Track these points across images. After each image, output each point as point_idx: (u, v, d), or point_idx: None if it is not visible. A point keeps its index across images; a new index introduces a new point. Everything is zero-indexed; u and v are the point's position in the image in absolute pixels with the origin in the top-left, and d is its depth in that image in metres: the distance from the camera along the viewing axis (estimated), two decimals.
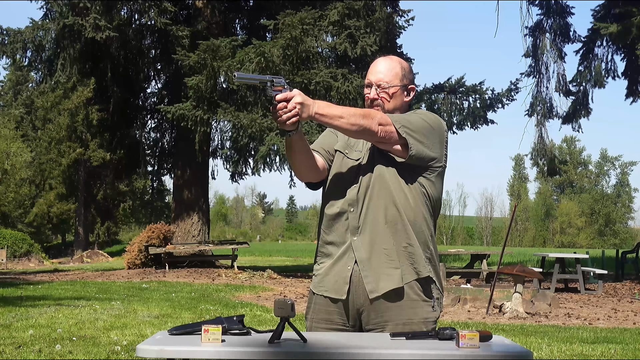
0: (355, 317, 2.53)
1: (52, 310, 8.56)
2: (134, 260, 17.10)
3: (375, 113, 2.48)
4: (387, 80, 2.59)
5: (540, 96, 19.63)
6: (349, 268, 2.51)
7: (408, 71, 2.64)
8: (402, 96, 2.62)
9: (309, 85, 14.98)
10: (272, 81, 2.38)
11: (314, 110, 2.39)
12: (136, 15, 17.91)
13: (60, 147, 33.07)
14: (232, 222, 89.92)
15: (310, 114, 2.38)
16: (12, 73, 40.79)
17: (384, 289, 2.47)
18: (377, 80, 2.60)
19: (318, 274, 2.62)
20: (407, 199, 2.51)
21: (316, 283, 2.61)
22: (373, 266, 2.48)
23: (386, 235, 2.49)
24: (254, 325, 6.27)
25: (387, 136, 2.46)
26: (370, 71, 2.63)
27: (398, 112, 2.61)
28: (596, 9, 18.05)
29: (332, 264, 2.55)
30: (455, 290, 10.13)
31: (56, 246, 40.72)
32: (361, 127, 2.42)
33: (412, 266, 2.50)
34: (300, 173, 2.62)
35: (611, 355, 6.21)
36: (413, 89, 2.66)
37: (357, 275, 2.50)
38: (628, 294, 12.68)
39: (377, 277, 2.48)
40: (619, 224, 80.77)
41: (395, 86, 2.59)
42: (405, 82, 2.62)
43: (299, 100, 2.34)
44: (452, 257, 25.96)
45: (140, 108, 20.78)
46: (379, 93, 2.59)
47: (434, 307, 2.53)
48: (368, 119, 2.43)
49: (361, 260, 2.49)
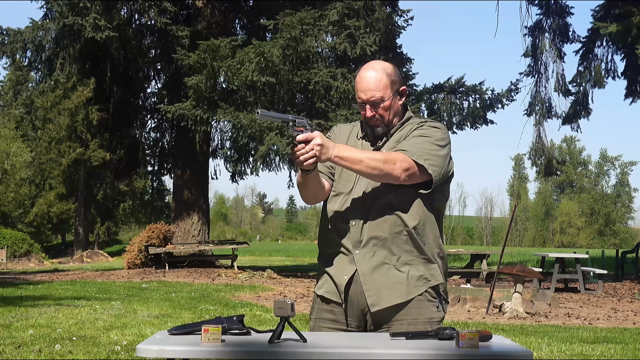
0: (360, 317, 2.52)
1: (52, 310, 8.56)
2: (134, 260, 17.11)
3: (396, 157, 2.43)
4: (380, 96, 2.50)
5: (539, 96, 19.64)
6: (352, 278, 2.49)
7: (395, 74, 2.56)
8: (397, 101, 2.57)
9: (309, 85, 14.99)
10: (294, 121, 2.38)
11: (334, 153, 2.37)
12: (136, 15, 17.92)
13: (60, 147, 33.07)
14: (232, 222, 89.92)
15: (329, 156, 2.37)
16: (12, 73, 40.75)
17: (387, 303, 2.46)
18: (370, 98, 2.51)
19: (321, 278, 2.62)
20: (411, 207, 2.49)
21: (320, 285, 2.61)
22: (375, 280, 2.47)
23: (390, 247, 2.47)
24: (254, 325, 6.27)
25: (411, 179, 2.45)
26: (359, 89, 2.54)
27: (397, 118, 2.58)
28: (596, 9, 18.06)
29: (335, 273, 2.54)
30: (455, 290, 10.13)
31: (56, 246, 40.73)
32: (382, 172, 2.41)
33: (419, 277, 2.49)
34: (309, 201, 2.63)
35: (611, 355, 6.21)
36: (405, 89, 2.60)
37: (359, 285, 2.48)
38: (628, 294, 12.68)
39: (379, 291, 2.46)
40: (619, 224, 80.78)
41: (389, 98, 2.53)
42: (396, 87, 2.54)
43: (319, 142, 2.33)
44: (452, 257, 25.95)
45: (140, 108, 20.78)
46: (375, 110, 2.52)
47: (439, 308, 2.53)
48: (389, 164, 2.40)
49: (363, 273, 2.47)
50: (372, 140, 2.60)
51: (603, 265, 18.25)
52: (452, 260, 25.35)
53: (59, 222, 38.39)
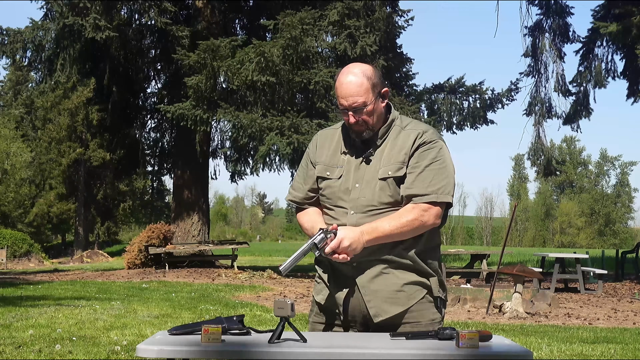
0: (362, 322, 2.51)
1: (52, 310, 8.56)
2: (134, 260, 17.10)
3: (423, 211, 2.43)
4: (362, 101, 2.45)
5: (539, 96, 19.64)
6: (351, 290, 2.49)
7: (375, 76, 2.49)
8: (379, 104, 2.52)
9: (309, 84, 14.99)
10: (315, 245, 2.38)
11: (364, 242, 2.39)
12: (136, 15, 17.91)
13: (60, 147, 33.07)
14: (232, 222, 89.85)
15: (361, 247, 2.39)
16: (12, 73, 40.74)
17: (389, 313, 2.46)
18: (352, 104, 2.45)
19: (319, 283, 2.61)
20: None
21: (318, 291, 2.60)
22: (375, 290, 2.46)
23: (387, 256, 2.46)
24: (254, 325, 6.27)
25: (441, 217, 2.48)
26: (340, 95, 2.48)
27: (381, 123, 2.53)
28: (596, 8, 18.08)
29: (332, 286, 2.53)
30: (455, 290, 10.13)
31: (56, 246, 40.71)
32: (417, 232, 2.45)
33: (417, 282, 2.49)
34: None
35: (611, 355, 6.21)
36: (387, 91, 2.55)
37: (359, 295, 2.48)
38: (628, 294, 12.69)
39: (380, 302, 2.46)
40: (619, 224, 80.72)
41: (371, 102, 2.47)
42: (377, 90, 2.49)
43: (346, 245, 2.36)
44: (452, 257, 25.96)
45: (140, 108, 20.79)
46: (358, 116, 2.47)
47: (439, 308, 2.54)
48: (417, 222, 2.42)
49: (362, 285, 2.47)
50: (358, 151, 2.54)
51: (603, 265, 18.25)
52: (452, 260, 25.35)
53: (59, 222, 38.39)
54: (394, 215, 2.43)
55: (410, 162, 2.47)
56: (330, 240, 2.37)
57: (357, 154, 2.55)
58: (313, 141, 2.69)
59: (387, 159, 2.49)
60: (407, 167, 2.47)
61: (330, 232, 2.39)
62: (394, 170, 2.47)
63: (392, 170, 2.47)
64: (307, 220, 2.61)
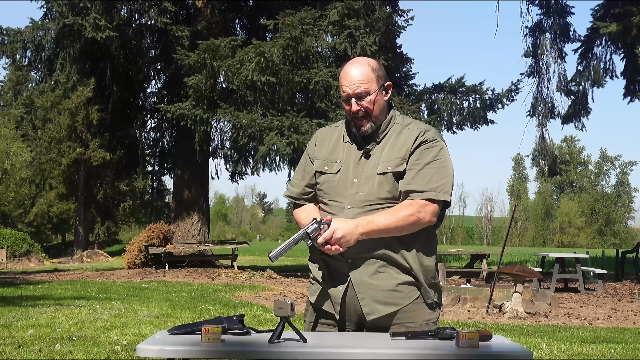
0: (357, 322, 2.51)
1: (52, 310, 8.56)
2: (134, 260, 17.10)
3: (420, 207, 2.43)
4: (365, 89, 2.48)
5: (541, 96, 19.61)
6: (346, 287, 2.48)
7: (379, 69, 2.54)
8: (382, 96, 2.54)
9: (309, 84, 14.99)
10: (307, 234, 2.37)
11: (357, 234, 2.38)
12: (136, 15, 17.92)
13: (60, 147, 33.08)
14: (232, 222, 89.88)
15: (355, 241, 2.38)
16: (12, 73, 40.74)
17: (382, 312, 2.46)
18: (355, 91, 2.48)
19: (313, 283, 2.60)
20: None
21: (312, 292, 2.60)
22: (369, 289, 2.46)
23: (382, 254, 2.45)
24: (254, 325, 6.27)
25: (438, 215, 2.49)
26: (344, 83, 2.51)
27: (383, 117, 2.54)
28: (596, 8, 18.08)
29: (328, 285, 2.53)
30: (455, 290, 10.13)
31: (56, 246, 40.72)
32: (413, 228, 2.44)
33: (412, 282, 2.48)
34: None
35: (611, 355, 6.21)
36: (390, 85, 2.57)
37: (354, 293, 2.47)
38: (628, 294, 12.69)
39: (373, 300, 2.45)
40: (619, 224, 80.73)
41: (375, 91, 2.50)
42: (381, 82, 2.52)
43: (339, 236, 2.35)
44: (452, 257, 25.96)
45: (140, 108, 20.79)
46: (361, 104, 2.49)
47: (434, 308, 2.53)
48: (414, 217, 2.42)
49: (357, 283, 2.46)
50: (360, 143, 2.55)
51: (603, 265, 18.26)
52: (452, 260, 25.34)
53: (59, 222, 38.42)
54: (390, 210, 2.44)
55: (410, 159, 2.48)
56: (324, 231, 2.37)
57: (357, 149, 2.55)
58: (313, 138, 2.70)
59: (388, 155, 2.50)
60: (407, 163, 2.48)
61: (324, 223, 2.38)
62: (394, 166, 2.48)
63: (392, 166, 2.48)
64: (303, 216, 2.60)
